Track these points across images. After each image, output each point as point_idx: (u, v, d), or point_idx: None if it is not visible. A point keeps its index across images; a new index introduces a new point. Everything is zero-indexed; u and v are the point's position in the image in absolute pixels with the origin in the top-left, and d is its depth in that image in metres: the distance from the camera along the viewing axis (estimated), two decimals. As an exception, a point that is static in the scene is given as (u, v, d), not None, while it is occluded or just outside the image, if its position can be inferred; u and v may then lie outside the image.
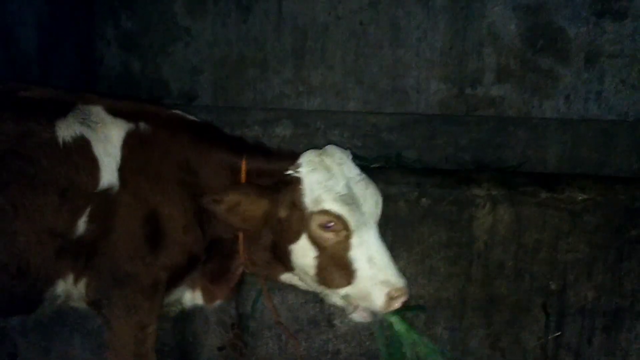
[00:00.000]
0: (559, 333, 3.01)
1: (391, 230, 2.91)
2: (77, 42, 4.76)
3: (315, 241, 2.35)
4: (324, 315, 3.10)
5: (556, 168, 4.40)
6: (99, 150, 2.41)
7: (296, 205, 2.37)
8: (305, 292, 3.11)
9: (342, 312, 3.10)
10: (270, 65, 4.84)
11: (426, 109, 4.73)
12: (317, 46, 4.82)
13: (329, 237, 2.31)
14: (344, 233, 2.30)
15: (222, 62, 4.86)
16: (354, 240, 2.31)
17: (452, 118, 4.62)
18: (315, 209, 2.32)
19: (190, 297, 2.75)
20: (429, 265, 3.03)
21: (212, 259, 2.66)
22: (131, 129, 2.50)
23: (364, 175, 2.41)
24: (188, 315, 3.06)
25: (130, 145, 2.48)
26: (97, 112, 2.51)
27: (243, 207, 2.38)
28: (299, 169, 2.39)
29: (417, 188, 3.00)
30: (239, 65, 4.86)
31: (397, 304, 2.25)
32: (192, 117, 2.70)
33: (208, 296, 2.73)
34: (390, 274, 2.25)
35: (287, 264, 2.48)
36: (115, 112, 2.53)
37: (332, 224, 2.29)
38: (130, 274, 2.46)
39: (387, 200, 2.70)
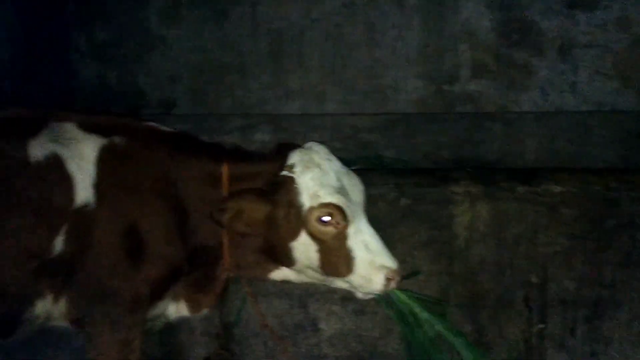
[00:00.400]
0: (543, 325, 3.04)
1: (372, 232, 2.92)
2: (51, 56, 4.72)
3: (315, 235, 2.45)
4: (309, 320, 3.11)
5: (534, 161, 4.44)
6: (73, 167, 2.40)
7: (293, 203, 2.45)
8: (291, 298, 3.13)
9: (329, 316, 3.13)
10: (248, 71, 4.84)
11: (405, 108, 4.75)
12: (294, 49, 4.82)
13: (328, 230, 2.43)
14: (342, 224, 2.43)
15: (199, 69, 4.84)
16: (350, 230, 2.45)
17: (430, 116, 4.65)
18: (315, 203, 2.42)
19: (175, 309, 2.74)
20: (412, 265, 3.04)
21: (195, 268, 2.65)
22: (105, 144, 2.49)
23: (346, 168, 2.55)
24: (173, 327, 3.05)
25: (105, 160, 2.46)
26: (70, 128, 2.49)
27: (246, 213, 2.43)
28: (293, 169, 2.46)
29: (396, 188, 3.02)
30: (217, 72, 4.84)
31: (393, 284, 2.44)
32: (167, 128, 2.69)
33: (193, 306, 2.73)
34: (385, 257, 2.44)
35: (287, 261, 2.55)
36: (89, 128, 2.51)
37: (329, 217, 2.41)
38: (112, 289, 2.45)
39: (367, 202, 2.72)
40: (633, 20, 4.57)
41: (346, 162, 2.68)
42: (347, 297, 3.06)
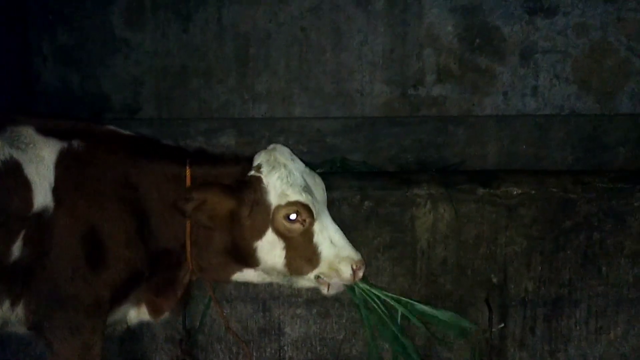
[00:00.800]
0: (503, 325, 3.10)
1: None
2: (12, 59, 4.62)
3: (281, 234, 2.51)
4: (274, 324, 3.11)
5: (495, 164, 4.53)
6: (31, 171, 2.36)
7: (260, 203, 2.50)
8: (255, 302, 3.12)
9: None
10: (214, 74, 4.82)
11: (372, 112, 4.79)
12: (260, 53, 4.83)
13: (295, 227, 2.50)
14: (308, 221, 2.51)
15: (164, 73, 4.80)
16: (316, 227, 2.54)
17: (395, 120, 4.71)
18: (282, 202, 2.48)
19: (136, 313, 2.72)
20: (375, 267, 3.07)
21: (157, 272, 2.64)
22: (64, 148, 2.46)
23: (309, 168, 2.66)
24: (135, 334, 3.02)
25: (64, 164, 2.44)
26: (28, 132, 2.45)
27: (210, 206, 2.45)
28: (260, 170, 2.52)
29: (359, 191, 3.04)
30: (182, 76, 4.81)
31: (361, 273, 2.56)
32: (126, 131, 2.67)
33: (154, 310, 2.72)
34: (350, 249, 2.55)
35: (252, 261, 2.58)
36: (47, 132, 2.48)
37: (296, 215, 2.48)
38: (71, 294, 2.43)
39: (331, 205, 2.75)
40: (591, 27, 4.71)
41: (311, 165, 2.71)
42: (312, 300, 3.08)
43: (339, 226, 2.61)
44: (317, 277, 2.57)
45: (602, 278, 3.07)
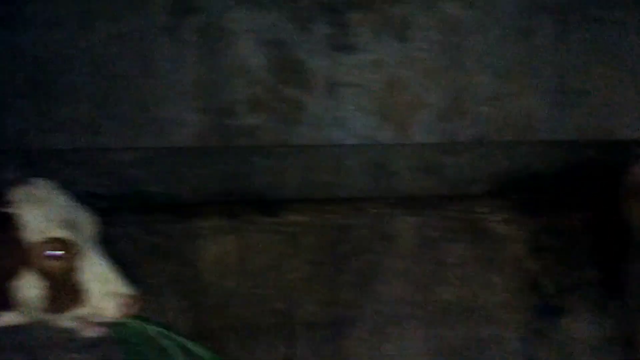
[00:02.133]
0: (292, 349, 3.20)
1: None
2: None
3: (42, 271, 2.34)
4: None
5: (296, 193, 4.69)
6: None
7: (16, 240, 2.33)
8: (27, 352, 2.90)
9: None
10: (6, 101, 4.47)
11: (184, 141, 4.73)
12: (62, 80, 4.57)
13: (56, 264, 2.34)
14: (71, 257, 2.36)
15: (-55, 99, 4.36)
16: (81, 263, 2.39)
17: (201, 150, 4.70)
18: (40, 238, 2.32)
19: None
20: (161, 303, 3.02)
21: None
22: None
23: (75, 202, 2.50)
24: None
25: None
26: None
27: None
28: (17, 206, 2.35)
29: (142, 226, 2.99)
30: (-31, 103, 4.40)
31: (130, 309, 2.42)
32: None
33: None
34: (119, 284, 2.42)
35: (8, 304, 2.37)
36: None
37: (57, 251, 2.33)
38: None
39: (111, 243, 2.64)
40: (387, 63, 5.12)
41: (91, 199, 2.60)
42: (90, 344, 2.93)
43: (118, 262, 2.53)
44: (81, 316, 2.44)
45: (378, 297, 3.31)
